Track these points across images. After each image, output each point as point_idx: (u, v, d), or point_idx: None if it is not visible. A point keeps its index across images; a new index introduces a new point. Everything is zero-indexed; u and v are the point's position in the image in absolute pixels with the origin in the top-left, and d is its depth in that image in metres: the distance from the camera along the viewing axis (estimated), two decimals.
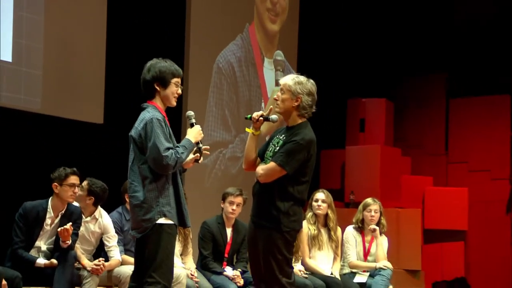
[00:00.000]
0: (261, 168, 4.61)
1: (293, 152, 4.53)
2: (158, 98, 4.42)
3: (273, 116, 4.73)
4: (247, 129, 4.77)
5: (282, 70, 9.24)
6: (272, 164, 4.56)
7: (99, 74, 7.13)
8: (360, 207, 6.98)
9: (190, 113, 4.57)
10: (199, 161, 4.54)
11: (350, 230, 6.98)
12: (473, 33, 10.56)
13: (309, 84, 4.67)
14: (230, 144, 8.68)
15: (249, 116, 4.75)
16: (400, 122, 10.59)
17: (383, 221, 6.91)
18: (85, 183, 5.69)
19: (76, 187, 5.48)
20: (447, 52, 10.64)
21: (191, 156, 4.49)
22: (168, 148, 4.25)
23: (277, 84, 8.99)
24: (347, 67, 10.35)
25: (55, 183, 5.45)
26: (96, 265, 5.50)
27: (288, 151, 4.54)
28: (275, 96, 4.75)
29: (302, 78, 4.69)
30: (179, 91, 4.46)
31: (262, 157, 4.73)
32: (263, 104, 9.01)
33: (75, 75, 6.99)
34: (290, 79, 4.68)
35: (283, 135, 4.69)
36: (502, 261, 10.04)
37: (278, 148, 4.62)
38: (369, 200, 6.96)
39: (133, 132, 4.36)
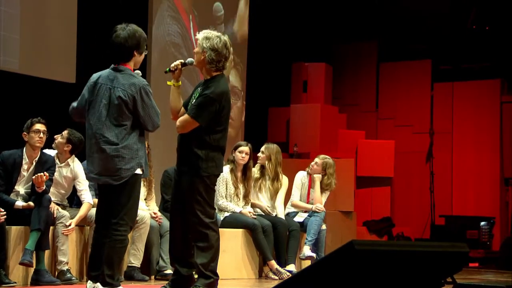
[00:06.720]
0: (178, 120, 4.36)
1: (203, 105, 4.26)
2: (132, 62, 4.29)
3: (189, 59, 4.43)
4: (168, 82, 4.44)
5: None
6: (186, 116, 4.30)
7: (71, 38, 7.00)
8: (318, 161, 6.70)
9: None
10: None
11: (300, 175, 6.84)
12: (402, 8, 10.53)
13: (216, 40, 4.28)
14: None
15: (167, 69, 4.42)
16: (338, 83, 10.58)
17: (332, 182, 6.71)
18: (65, 132, 5.56)
19: (42, 133, 5.33)
20: (378, 22, 10.62)
21: None
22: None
23: None
24: (293, 35, 10.24)
25: (24, 133, 5.34)
26: (66, 230, 5.36)
27: (199, 104, 4.27)
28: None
29: (212, 34, 4.32)
30: None
31: (186, 107, 4.42)
32: None
33: (49, 38, 6.82)
34: (202, 34, 4.35)
35: (200, 88, 4.41)
36: (421, 203, 10.20)
37: (194, 100, 4.36)
38: (330, 160, 6.70)
39: (121, 94, 4.17)
